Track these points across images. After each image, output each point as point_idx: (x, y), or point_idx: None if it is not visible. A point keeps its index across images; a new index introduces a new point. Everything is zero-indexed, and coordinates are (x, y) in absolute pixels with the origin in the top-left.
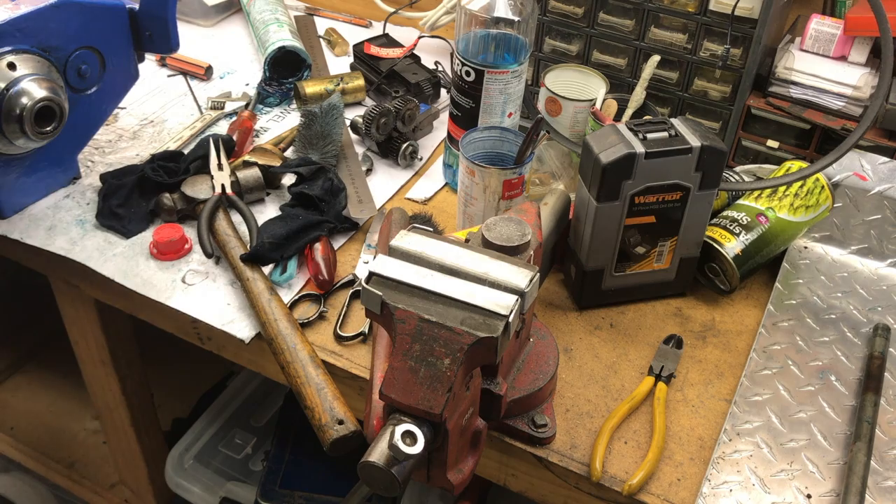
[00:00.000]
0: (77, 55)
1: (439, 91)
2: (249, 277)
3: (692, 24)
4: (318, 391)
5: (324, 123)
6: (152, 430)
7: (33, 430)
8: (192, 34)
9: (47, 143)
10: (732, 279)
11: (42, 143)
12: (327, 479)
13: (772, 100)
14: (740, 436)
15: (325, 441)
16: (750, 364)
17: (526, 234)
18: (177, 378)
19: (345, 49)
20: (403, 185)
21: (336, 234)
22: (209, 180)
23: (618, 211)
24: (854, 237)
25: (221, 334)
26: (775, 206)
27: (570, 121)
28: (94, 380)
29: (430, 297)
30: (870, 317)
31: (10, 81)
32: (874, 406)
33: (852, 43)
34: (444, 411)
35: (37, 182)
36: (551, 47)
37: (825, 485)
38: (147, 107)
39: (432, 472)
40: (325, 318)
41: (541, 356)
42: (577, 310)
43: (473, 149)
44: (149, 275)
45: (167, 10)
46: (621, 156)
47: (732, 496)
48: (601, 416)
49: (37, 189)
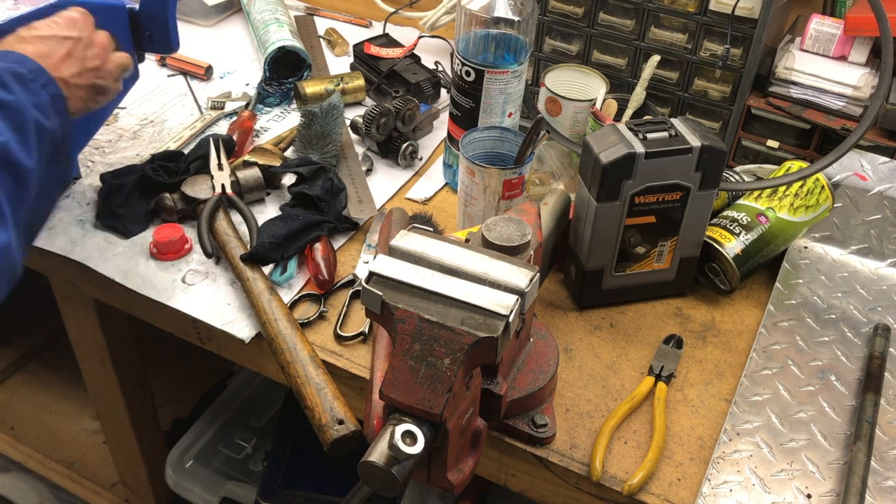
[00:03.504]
0: None
1: (439, 91)
2: (249, 277)
3: (692, 24)
4: (318, 391)
5: (324, 123)
6: (152, 430)
7: (33, 430)
8: (192, 34)
9: None
10: (732, 279)
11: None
12: (327, 479)
13: (772, 100)
14: (740, 436)
15: (325, 441)
16: (750, 364)
17: (526, 234)
18: (177, 378)
19: (345, 49)
20: (403, 185)
21: (336, 234)
22: (209, 180)
23: (618, 211)
24: (854, 237)
25: (221, 334)
26: (775, 206)
27: (570, 121)
28: (94, 380)
29: (430, 297)
30: (870, 317)
31: None
32: (874, 406)
33: (852, 43)
34: (444, 411)
35: None
36: (551, 47)
37: (825, 485)
38: (147, 107)
39: (432, 472)
40: (325, 318)
41: (541, 356)
42: (577, 310)
43: (473, 149)
44: (149, 275)
45: (167, 10)
46: (621, 156)
47: (732, 496)
48: (601, 416)
49: None
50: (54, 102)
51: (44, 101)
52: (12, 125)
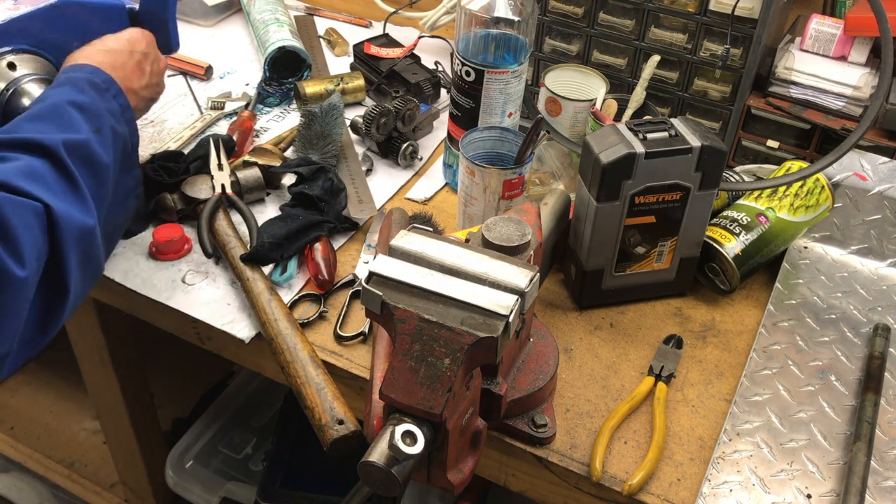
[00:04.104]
0: None
1: (439, 91)
2: (249, 277)
3: (692, 24)
4: (318, 391)
5: (324, 123)
6: (152, 430)
7: (33, 430)
8: (192, 34)
9: None
10: (732, 279)
11: None
12: (327, 479)
13: (772, 100)
14: (740, 436)
15: (325, 441)
16: (750, 364)
17: (526, 234)
18: (177, 378)
19: (345, 49)
20: (403, 185)
21: (336, 234)
22: (209, 180)
23: (618, 211)
24: (854, 237)
25: (221, 334)
26: (775, 206)
27: (570, 121)
28: (94, 380)
29: (430, 297)
30: (870, 317)
31: (11, 81)
32: (874, 406)
33: (852, 43)
34: (444, 411)
35: None
36: (551, 47)
37: (825, 485)
38: None
39: (432, 472)
40: (325, 318)
41: (541, 356)
42: (577, 310)
43: (473, 149)
44: (149, 275)
45: (167, 11)
46: (621, 156)
47: (732, 496)
48: (601, 416)
49: None
50: (123, 112)
51: (115, 109)
52: (92, 126)
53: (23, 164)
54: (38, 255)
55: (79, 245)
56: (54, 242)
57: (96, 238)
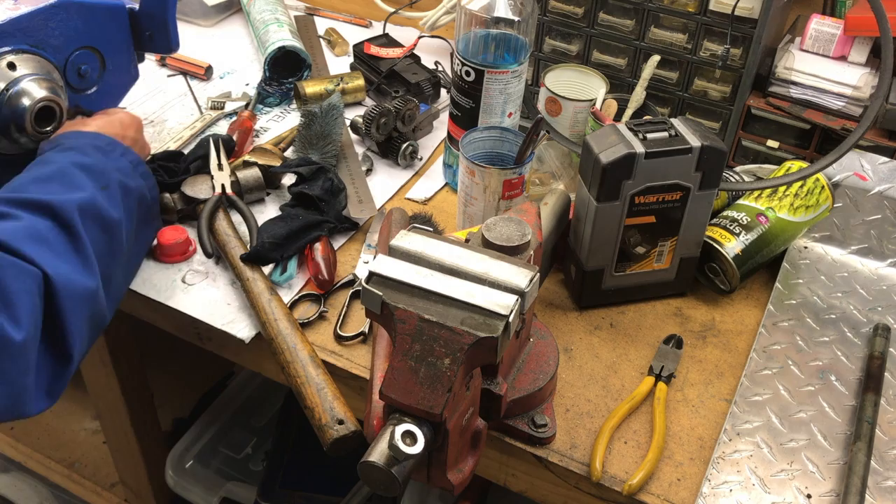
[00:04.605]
0: (77, 55)
1: (439, 91)
2: (249, 277)
3: (692, 24)
4: (318, 391)
5: (324, 123)
6: (152, 430)
7: (33, 430)
8: (192, 34)
9: None
10: (732, 279)
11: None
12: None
13: (772, 100)
14: (740, 436)
15: (325, 441)
16: (750, 364)
17: (526, 234)
18: (177, 378)
19: (345, 49)
20: (403, 185)
21: (336, 234)
22: (209, 180)
23: (618, 211)
24: (854, 237)
25: (221, 334)
26: (775, 206)
27: (570, 121)
28: (94, 380)
29: (430, 297)
30: (870, 317)
31: (11, 81)
32: (874, 406)
33: (852, 43)
34: (444, 411)
35: None
36: (551, 47)
37: (825, 485)
38: (147, 107)
39: (432, 472)
40: (325, 318)
41: (541, 356)
42: (577, 310)
43: (473, 149)
44: (149, 275)
45: (167, 10)
46: (621, 156)
47: (732, 496)
48: (601, 416)
49: None
50: (136, 167)
51: (125, 166)
52: (98, 183)
53: (27, 225)
54: (35, 319)
55: (81, 308)
56: (54, 309)
57: (99, 297)
